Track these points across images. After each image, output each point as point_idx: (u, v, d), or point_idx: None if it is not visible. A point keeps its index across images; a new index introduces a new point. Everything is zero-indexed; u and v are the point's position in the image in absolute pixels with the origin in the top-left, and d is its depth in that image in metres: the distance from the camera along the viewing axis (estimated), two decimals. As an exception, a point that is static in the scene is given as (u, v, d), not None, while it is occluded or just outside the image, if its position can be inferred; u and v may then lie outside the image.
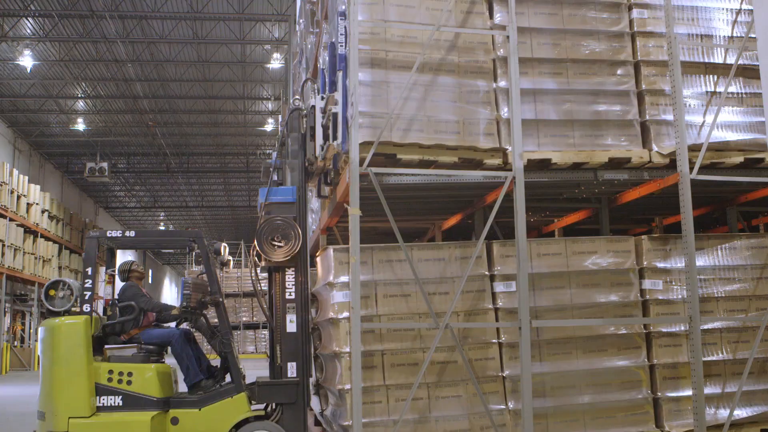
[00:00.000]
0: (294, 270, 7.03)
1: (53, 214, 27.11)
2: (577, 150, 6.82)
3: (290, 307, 7.00)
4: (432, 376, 6.47)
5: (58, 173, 32.79)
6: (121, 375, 6.77)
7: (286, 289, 7.01)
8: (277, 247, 6.92)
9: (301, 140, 7.28)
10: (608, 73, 7.04)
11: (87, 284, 6.97)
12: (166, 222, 48.50)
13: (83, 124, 27.96)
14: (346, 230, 6.45)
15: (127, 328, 7.24)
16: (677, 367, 6.86)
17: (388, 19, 6.62)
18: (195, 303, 7.14)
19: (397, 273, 6.58)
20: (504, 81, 6.79)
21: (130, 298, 7.35)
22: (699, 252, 6.96)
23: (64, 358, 6.72)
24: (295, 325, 6.93)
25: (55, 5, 19.05)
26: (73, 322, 6.86)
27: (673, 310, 6.95)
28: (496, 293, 6.72)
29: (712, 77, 7.22)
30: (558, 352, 6.72)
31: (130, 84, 24.36)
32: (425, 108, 6.54)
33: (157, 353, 7.18)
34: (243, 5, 19.34)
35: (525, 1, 6.95)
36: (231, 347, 7.09)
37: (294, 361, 6.87)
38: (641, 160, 6.89)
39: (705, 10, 7.34)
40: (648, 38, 7.17)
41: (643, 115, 7.05)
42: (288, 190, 7.16)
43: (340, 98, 6.66)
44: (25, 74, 23.02)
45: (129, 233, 7.35)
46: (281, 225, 6.92)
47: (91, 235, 7.24)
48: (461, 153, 6.57)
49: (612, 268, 6.90)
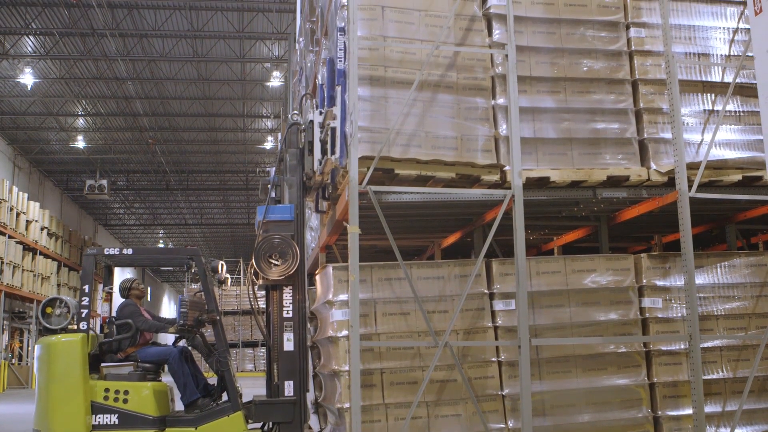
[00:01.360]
0: (291, 288, 7.01)
1: (52, 232, 27.10)
2: (575, 168, 6.84)
3: (287, 325, 6.97)
4: (431, 394, 6.45)
5: (57, 190, 32.81)
6: (117, 393, 6.73)
7: (284, 308, 6.98)
8: (274, 266, 6.91)
9: (299, 155, 7.29)
10: (606, 92, 7.08)
11: (84, 302, 6.95)
12: (165, 239, 48.47)
13: (83, 142, 28.00)
14: (345, 248, 6.45)
15: (123, 346, 7.21)
16: (677, 385, 6.84)
17: (387, 35, 6.65)
18: (192, 321, 7.11)
19: (396, 291, 6.57)
20: (503, 98, 6.82)
21: (127, 316, 7.33)
22: (698, 270, 6.95)
23: (60, 376, 6.68)
24: (292, 344, 6.90)
25: (56, 23, 19.14)
26: (69, 340, 6.83)
27: (673, 328, 6.93)
28: (496, 311, 6.71)
29: (710, 95, 7.26)
30: (557, 370, 6.70)
31: (130, 102, 24.43)
32: (423, 124, 6.56)
33: (154, 371, 7.14)
34: (243, 24, 19.44)
35: (523, 20, 6.98)
36: (228, 366, 7.06)
37: (291, 379, 6.83)
38: (639, 178, 6.91)
39: (702, 29, 7.39)
40: (645, 57, 7.22)
41: (641, 133, 7.07)
42: (286, 209, 7.16)
43: (339, 113, 6.67)
44: (26, 92, 23.10)
45: (126, 251, 7.34)
46: (279, 243, 6.91)
47: (88, 253, 7.23)
48: (459, 169, 6.58)
49: (611, 286, 6.89)
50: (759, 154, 7.15)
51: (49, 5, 18.26)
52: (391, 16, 6.71)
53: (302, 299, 7.02)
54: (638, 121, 7.11)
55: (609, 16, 7.22)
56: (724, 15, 7.50)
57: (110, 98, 24.31)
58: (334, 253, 9.53)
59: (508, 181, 6.59)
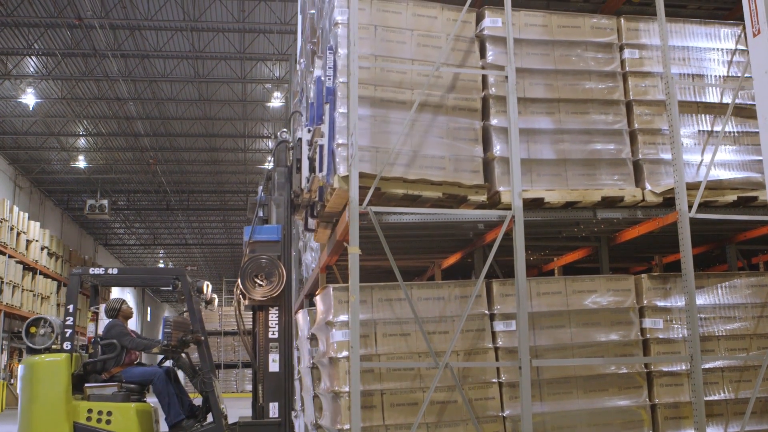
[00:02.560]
0: (278, 309, 6.99)
1: (53, 251, 27.09)
2: (569, 189, 6.85)
3: (273, 346, 6.95)
4: (432, 416, 6.41)
5: (58, 210, 32.83)
6: (100, 414, 6.67)
7: (270, 328, 6.97)
8: (259, 287, 6.89)
9: (287, 173, 7.29)
10: (601, 113, 7.12)
11: (68, 321, 6.91)
12: (166, 259, 48.42)
13: (84, 162, 28.06)
14: (345, 269, 6.45)
15: (108, 366, 7.17)
16: (679, 406, 6.81)
17: (378, 54, 6.69)
18: (176, 341, 7.07)
19: (396, 312, 6.56)
20: (497, 119, 6.86)
21: (114, 336, 7.29)
22: (699, 290, 6.94)
23: (42, 397, 6.61)
24: (278, 365, 6.87)
25: (58, 44, 19.25)
26: (52, 360, 6.78)
27: (674, 349, 6.91)
28: (496, 332, 6.69)
29: (705, 116, 7.30)
30: (558, 391, 6.67)
31: (131, 122, 24.51)
32: (410, 143, 6.59)
33: (139, 392, 7.09)
34: (244, 45, 19.55)
35: (518, 42, 7.01)
36: (212, 386, 7.01)
37: (276, 401, 6.79)
38: (634, 198, 6.92)
39: (696, 50, 7.46)
40: (640, 78, 7.27)
41: (636, 154, 7.11)
42: (273, 229, 7.16)
43: (326, 130, 6.69)
44: (28, 112, 23.18)
45: (111, 270, 7.31)
46: (266, 264, 6.90)
47: (73, 273, 7.21)
48: (445, 188, 6.58)
49: (612, 306, 6.88)
50: (754, 175, 7.18)
51: (51, 26, 18.38)
52: (382, 35, 6.77)
53: (289, 320, 7.00)
54: (633, 142, 7.15)
55: (603, 37, 7.28)
56: (718, 36, 7.56)
57: (111, 118, 24.39)
58: (334, 274, 9.51)
59: (503, 201, 6.60)
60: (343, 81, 6.62)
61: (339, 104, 6.63)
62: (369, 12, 6.80)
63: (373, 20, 6.79)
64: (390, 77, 6.68)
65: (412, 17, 6.89)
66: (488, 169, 6.93)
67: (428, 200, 6.61)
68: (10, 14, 17.41)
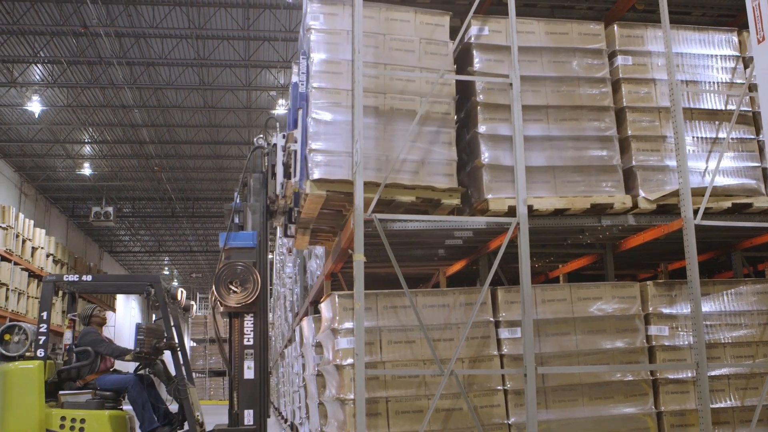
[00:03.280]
0: (253, 316, 6.98)
1: (58, 258, 27.10)
2: (558, 196, 6.84)
3: (248, 353, 6.94)
4: (437, 423, 6.40)
5: (63, 217, 32.89)
6: (73, 422, 6.65)
7: (245, 335, 6.96)
8: (233, 293, 6.88)
9: (262, 179, 7.29)
10: (590, 119, 7.12)
11: (42, 328, 6.90)
12: (171, 266, 48.48)
13: (89, 169, 28.12)
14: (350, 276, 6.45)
15: (83, 374, 7.16)
16: (685, 414, 6.78)
17: (347, 58, 6.71)
18: (148, 348, 7.05)
19: (401, 319, 6.56)
20: (485, 126, 6.88)
21: (88, 343, 7.29)
22: (705, 297, 6.92)
23: (15, 404, 6.59)
24: (252, 372, 6.86)
25: (63, 52, 19.31)
26: (25, 367, 6.77)
27: (680, 356, 6.89)
28: (501, 339, 6.68)
29: (699, 123, 7.29)
30: (564, 399, 6.65)
31: (136, 129, 24.57)
32: (383, 147, 6.58)
33: (113, 399, 7.07)
34: (249, 52, 19.58)
35: (503, 49, 7.04)
36: (186, 394, 6.99)
37: (251, 408, 6.78)
38: (624, 206, 6.91)
39: (690, 57, 7.45)
40: (633, 84, 7.27)
41: (630, 160, 7.08)
42: (248, 235, 7.16)
43: (299, 136, 6.70)
44: (33, 119, 23.24)
45: (86, 278, 7.32)
46: (240, 271, 6.90)
47: (47, 279, 7.21)
48: (418, 192, 6.58)
49: (617, 314, 6.86)
50: (749, 181, 7.18)
51: (57, 34, 18.44)
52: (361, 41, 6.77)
53: (264, 327, 6.99)
54: (626, 149, 7.13)
55: (591, 44, 7.29)
56: (712, 42, 7.55)
57: (117, 126, 24.45)
58: (339, 281, 9.51)
59: (491, 209, 6.61)
60: (316, 86, 6.64)
61: (312, 109, 6.63)
62: (341, 18, 6.82)
63: (347, 26, 6.81)
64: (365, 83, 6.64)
65: (385, 21, 6.88)
66: (475, 177, 6.94)
67: (402, 205, 6.59)
68: (16, 22, 17.48)
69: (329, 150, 6.52)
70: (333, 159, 6.49)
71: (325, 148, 6.52)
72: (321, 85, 6.66)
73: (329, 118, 6.59)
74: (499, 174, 6.84)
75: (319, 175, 6.44)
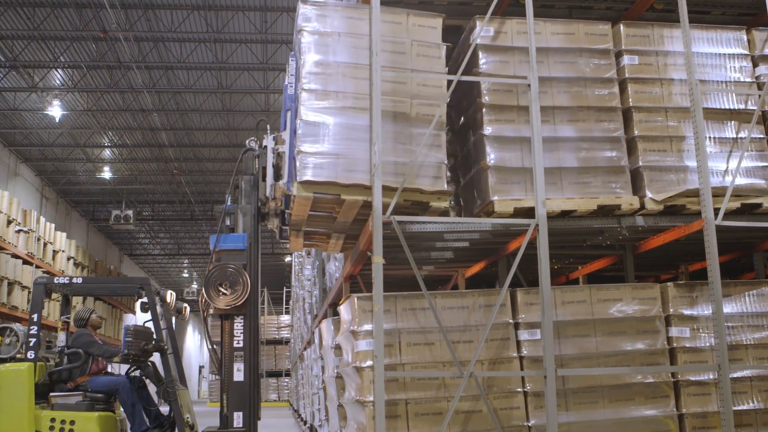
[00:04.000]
0: (243, 318, 6.99)
1: (78, 261, 27.32)
2: (564, 198, 6.79)
3: (238, 355, 6.95)
4: (456, 425, 6.40)
5: (84, 221, 33.15)
6: (63, 423, 6.69)
7: (234, 337, 6.97)
8: (223, 295, 6.90)
9: (253, 182, 7.31)
10: (596, 120, 7.06)
11: (32, 330, 6.94)
12: (190, 269, 48.72)
13: (109, 173, 28.34)
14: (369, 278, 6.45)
15: (74, 375, 7.20)
16: (707, 416, 6.73)
17: (339, 60, 6.70)
18: (136, 350, 7.07)
19: (420, 321, 6.56)
20: (490, 128, 6.83)
21: (80, 345, 7.34)
22: (726, 299, 6.87)
23: (5, 405, 6.61)
24: (242, 374, 6.86)
25: (83, 57, 19.48)
26: (15, 369, 6.80)
27: (701, 358, 6.84)
28: (521, 341, 6.67)
29: (709, 123, 7.19)
30: (584, 401, 6.62)
31: (155, 133, 24.73)
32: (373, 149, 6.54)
33: (105, 401, 7.10)
34: (267, 55, 19.66)
35: (510, 50, 7.03)
36: (175, 396, 7.02)
37: (241, 410, 6.79)
38: (631, 207, 6.86)
39: (698, 56, 7.33)
40: (637, 84, 7.21)
41: (636, 161, 7.04)
42: (239, 237, 7.18)
43: (287, 137, 6.70)
44: (54, 124, 23.45)
45: (76, 280, 7.36)
46: (230, 273, 6.92)
47: (38, 282, 7.25)
48: (406, 195, 6.54)
49: (638, 315, 6.82)
50: (758, 181, 7.12)
51: (77, 39, 18.60)
52: (346, 41, 6.78)
53: (255, 329, 7.00)
54: (631, 149, 7.08)
55: (599, 44, 7.23)
56: (720, 41, 7.47)
57: (136, 129, 24.63)
58: (358, 283, 9.53)
59: (497, 211, 6.59)
60: (306, 87, 6.63)
61: (301, 111, 6.61)
62: (332, 19, 6.81)
63: (338, 27, 6.80)
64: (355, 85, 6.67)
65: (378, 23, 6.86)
66: (480, 179, 6.92)
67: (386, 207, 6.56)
68: (36, 28, 17.65)
69: (317, 152, 6.48)
70: (321, 161, 6.46)
71: (313, 150, 6.48)
72: (310, 87, 6.63)
73: (318, 120, 6.56)
74: (504, 176, 6.81)
75: (307, 177, 6.41)
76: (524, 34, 6.99)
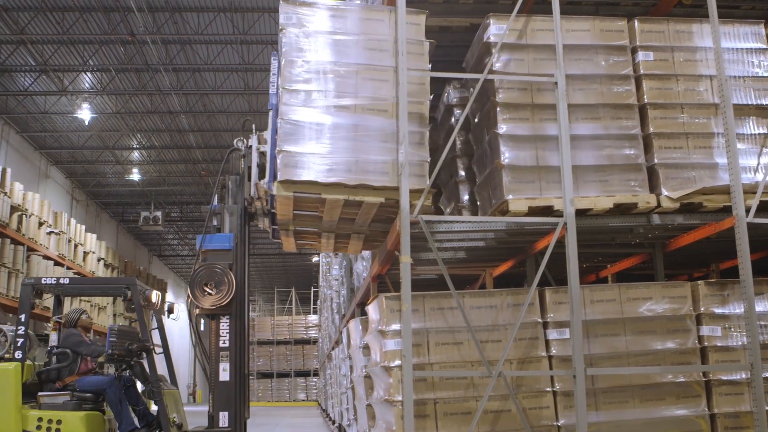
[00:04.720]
0: (229, 318, 7.01)
1: (109, 263, 27.63)
2: (580, 196, 6.70)
3: (224, 355, 6.97)
4: (485, 425, 6.38)
5: (113, 222, 33.51)
6: (50, 423, 6.74)
7: (220, 337, 6.98)
8: (208, 295, 6.92)
9: (239, 181, 7.33)
10: (612, 117, 6.95)
11: (20, 331, 7.01)
12: (218, 269, 48.96)
13: (138, 174, 28.64)
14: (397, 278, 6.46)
15: (62, 375, 7.26)
16: (739, 416, 6.65)
17: (329, 58, 6.68)
18: (120, 350, 7.11)
19: (448, 321, 6.55)
20: (505, 126, 6.76)
21: (69, 345, 7.40)
22: (758, 297, 6.78)
23: None
24: (228, 374, 6.88)
25: (112, 60, 19.70)
26: (2, 369, 6.86)
27: (733, 357, 6.76)
28: (550, 341, 6.63)
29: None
30: (614, 400, 6.58)
31: (183, 134, 24.93)
32: (353, 148, 6.53)
33: (93, 401, 7.14)
34: (293, 56, 19.73)
35: (524, 48, 6.94)
36: (161, 396, 7.05)
37: (226, 410, 6.81)
38: (648, 205, 6.76)
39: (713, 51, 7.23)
40: (653, 80, 7.10)
41: (651, 158, 6.94)
42: (225, 238, 7.20)
43: (269, 137, 6.70)
44: (83, 126, 23.74)
45: (63, 280, 7.42)
46: (216, 273, 6.94)
47: (25, 282, 7.33)
48: (387, 194, 6.50)
49: (668, 314, 6.76)
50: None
51: (105, 43, 18.83)
52: (328, 40, 6.75)
53: (241, 329, 7.01)
54: (647, 147, 6.99)
55: (614, 41, 7.12)
56: (737, 36, 7.35)
57: (164, 131, 24.86)
58: (386, 283, 9.53)
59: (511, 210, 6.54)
60: (287, 87, 6.61)
61: (282, 110, 6.59)
62: (315, 19, 6.78)
63: (320, 27, 6.78)
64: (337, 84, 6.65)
65: (359, 21, 6.84)
66: (494, 178, 6.88)
67: (371, 206, 6.55)
68: (65, 32, 17.88)
69: (297, 151, 6.47)
70: (300, 160, 6.44)
71: (294, 149, 6.47)
72: (292, 86, 6.61)
73: (299, 120, 6.54)
74: (519, 175, 6.75)
75: (286, 176, 6.40)
76: (540, 31, 6.94)
